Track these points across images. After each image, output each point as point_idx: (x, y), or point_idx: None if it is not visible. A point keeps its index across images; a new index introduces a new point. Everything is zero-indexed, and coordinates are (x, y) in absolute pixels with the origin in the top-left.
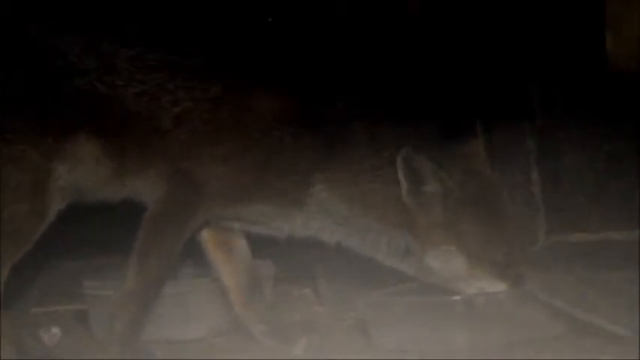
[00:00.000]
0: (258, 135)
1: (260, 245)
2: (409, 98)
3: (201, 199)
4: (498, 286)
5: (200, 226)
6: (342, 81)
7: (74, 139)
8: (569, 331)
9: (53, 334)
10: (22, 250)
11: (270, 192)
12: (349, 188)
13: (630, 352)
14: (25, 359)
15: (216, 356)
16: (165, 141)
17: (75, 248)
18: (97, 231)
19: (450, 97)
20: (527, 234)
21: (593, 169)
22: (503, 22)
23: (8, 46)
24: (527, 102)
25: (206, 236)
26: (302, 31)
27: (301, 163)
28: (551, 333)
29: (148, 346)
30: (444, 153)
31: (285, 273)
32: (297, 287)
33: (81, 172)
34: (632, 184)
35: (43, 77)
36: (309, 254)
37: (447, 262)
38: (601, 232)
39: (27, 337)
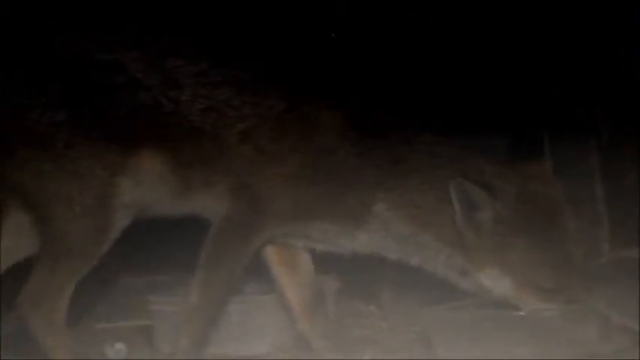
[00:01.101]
0: (323, 152)
1: (324, 261)
2: (473, 116)
3: (265, 216)
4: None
5: (264, 243)
6: (405, 98)
7: (138, 155)
8: (631, 346)
9: (118, 349)
10: (88, 266)
11: (333, 210)
12: (409, 207)
13: None
14: None
15: None
16: (230, 157)
17: (140, 264)
18: (161, 247)
19: (515, 114)
20: (591, 249)
21: None
22: (568, 39)
23: (72, 62)
24: (592, 119)
25: (270, 252)
26: (366, 49)
27: (364, 181)
28: (614, 347)
29: None
30: (506, 174)
31: (348, 288)
32: (360, 303)
33: (145, 188)
34: None
35: (106, 92)
36: (373, 269)
37: (495, 284)
38: None
39: (92, 353)
